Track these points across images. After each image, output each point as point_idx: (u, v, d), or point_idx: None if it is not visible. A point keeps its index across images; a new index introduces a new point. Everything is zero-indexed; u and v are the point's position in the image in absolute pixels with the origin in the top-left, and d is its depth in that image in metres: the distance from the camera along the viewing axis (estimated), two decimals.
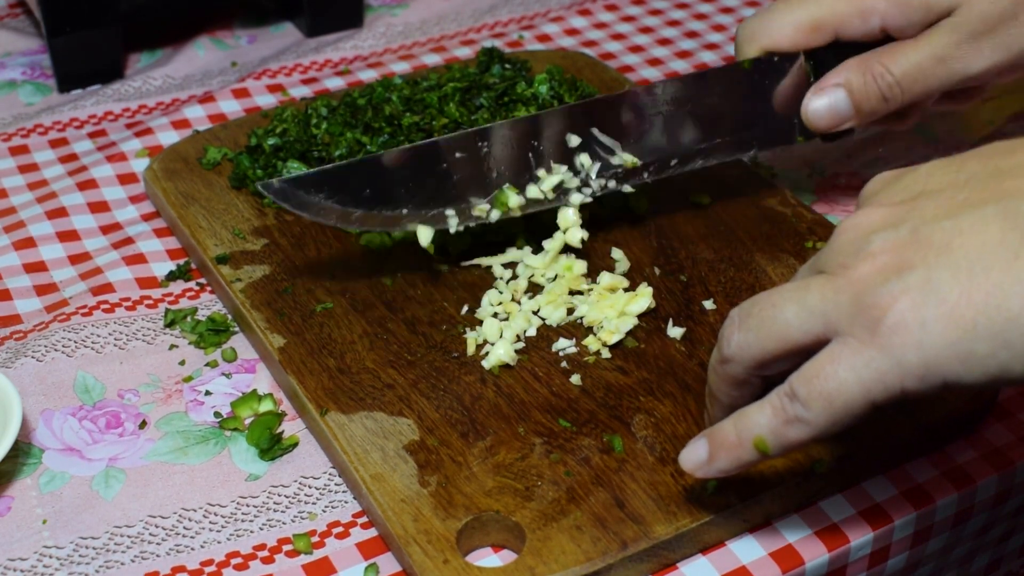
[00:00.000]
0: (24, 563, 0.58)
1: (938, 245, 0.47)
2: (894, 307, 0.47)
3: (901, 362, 0.47)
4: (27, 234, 0.78)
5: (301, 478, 0.63)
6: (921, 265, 0.47)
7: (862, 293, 0.48)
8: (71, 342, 0.70)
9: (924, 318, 0.46)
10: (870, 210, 0.51)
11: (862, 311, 0.48)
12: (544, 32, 1.03)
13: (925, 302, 0.46)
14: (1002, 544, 0.68)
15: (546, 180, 0.70)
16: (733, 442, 0.53)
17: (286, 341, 0.68)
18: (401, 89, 0.84)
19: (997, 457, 0.64)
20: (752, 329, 0.52)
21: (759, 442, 0.52)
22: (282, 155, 0.79)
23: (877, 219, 0.50)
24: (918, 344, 0.47)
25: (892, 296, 0.47)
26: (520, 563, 0.56)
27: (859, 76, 0.70)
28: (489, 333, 0.67)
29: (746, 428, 0.52)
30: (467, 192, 0.70)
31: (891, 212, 0.50)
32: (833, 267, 0.50)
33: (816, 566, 0.59)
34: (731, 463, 0.53)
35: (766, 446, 0.52)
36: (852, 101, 0.71)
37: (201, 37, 1.01)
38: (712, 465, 0.54)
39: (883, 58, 0.70)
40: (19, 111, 0.92)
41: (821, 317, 0.49)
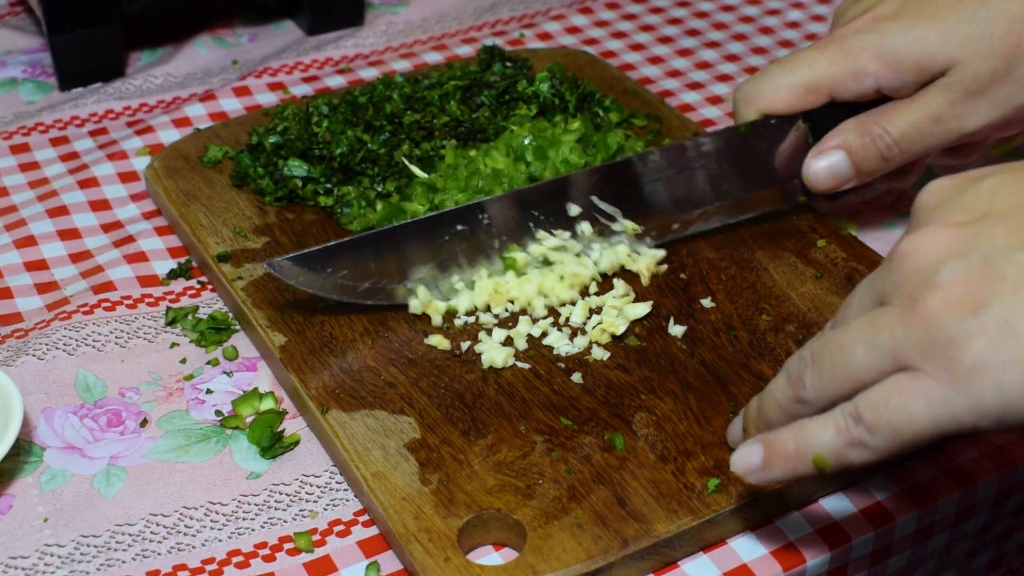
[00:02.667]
0: (25, 561, 0.58)
1: (1012, 280, 0.46)
2: (971, 347, 0.46)
3: (978, 403, 0.46)
4: (28, 232, 0.78)
5: (302, 476, 0.63)
6: (996, 302, 0.46)
7: (935, 329, 0.47)
8: (72, 340, 0.70)
9: (1003, 360, 0.46)
10: (932, 231, 0.48)
11: (936, 348, 0.47)
12: (545, 30, 1.03)
13: (1003, 344, 0.45)
14: (1003, 542, 0.68)
15: (547, 241, 0.71)
16: (791, 454, 0.52)
17: (287, 339, 0.68)
18: (402, 87, 0.84)
19: (998, 456, 0.64)
20: (825, 373, 0.51)
21: (819, 459, 0.51)
22: (283, 153, 0.79)
23: (943, 243, 0.48)
24: (997, 386, 0.46)
25: (968, 336, 0.46)
26: (521, 561, 0.56)
27: (858, 138, 0.71)
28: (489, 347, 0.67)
29: (806, 443, 0.51)
30: (473, 262, 0.70)
31: (957, 236, 0.48)
32: (900, 299, 0.48)
33: (817, 564, 0.59)
34: (786, 473, 0.52)
35: (826, 464, 0.51)
36: (852, 162, 0.71)
37: (202, 35, 1.01)
38: (765, 472, 0.53)
39: (880, 119, 0.71)
40: (20, 109, 0.92)
41: (891, 354, 0.48)
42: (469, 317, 0.69)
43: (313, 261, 0.67)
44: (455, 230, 0.69)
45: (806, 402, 0.52)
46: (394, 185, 0.76)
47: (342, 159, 0.77)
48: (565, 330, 0.68)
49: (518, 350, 0.67)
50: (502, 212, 0.70)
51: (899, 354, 0.48)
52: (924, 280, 0.47)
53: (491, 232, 0.70)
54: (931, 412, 0.47)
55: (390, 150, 0.78)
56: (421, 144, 0.79)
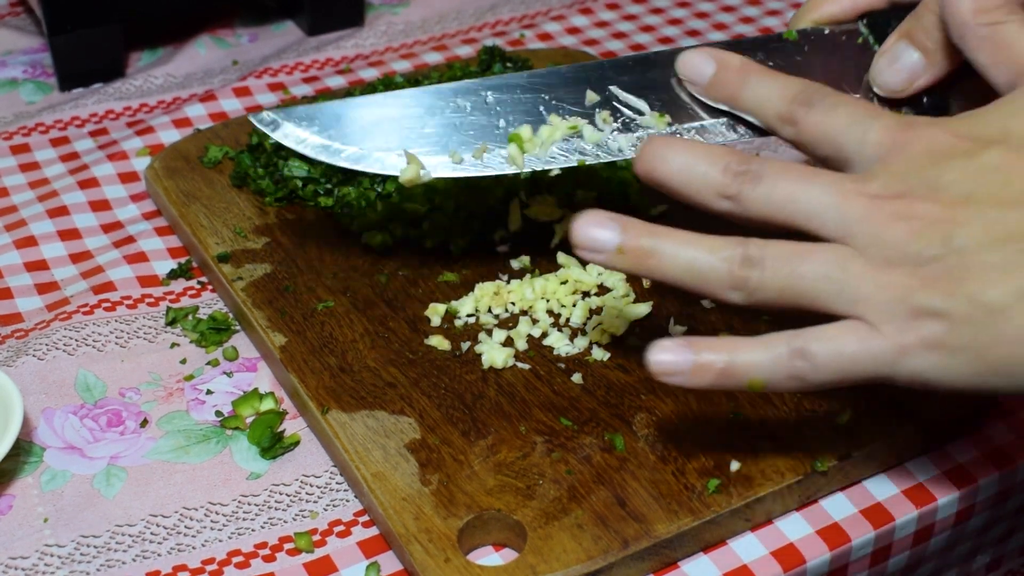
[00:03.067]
0: (25, 562, 0.58)
1: (982, 277, 0.49)
2: (932, 327, 0.49)
3: (922, 374, 0.51)
4: (28, 233, 0.78)
5: (302, 477, 0.63)
6: (963, 294, 0.49)
7: (903, 299, 0.50)
8: (72, 340, 0.70)
9: (957, 346, 0.49)
10: (918, 206, 0.51)
11: (899, 316, 0.50)
12: (545, 31, 1.03)
13: (961, 333, 0.49)
14: (1003, 543, 0.68)
15: (559, 127, 0.64)
16: (722, 369, 0.52)
17: (287, 339, 0.68)
18: (402, 88, 0.84)
19: (998, 456, 0.64)
20: (775, 288, 0.52)
21: (755, 383, 0.52)
22: (283, 154, 0.79)
23: (929, 218, 0.50)
24: (944, 366, 0.50)
25: (932, 316, 0.49)
26: (521, 561, 0.56)
27: None
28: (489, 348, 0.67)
29: (743, 365, 0.52)
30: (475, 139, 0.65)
31: (941, 217, 0.50)
32: (876, 257, 0.51)
33: (817, 565, 0.59)
34: (711, 385, 0.53)
35: (761, 387, 0.53)
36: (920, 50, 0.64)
37: (202, 36, 1.01)
38: (690, 379, 0.53)
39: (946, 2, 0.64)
40: (20, 110, 0.92)
41: (853, 303, 0.51)
42: (469, 318, 0.69)
43: (301, 117, 0.65)
44: (456, 104, 0.65)
45: (738, 290, 0.53)
46: (394, 185, 0.76)
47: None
48: (565, 331, 0.68)
49: (518, 350, 0.67)
50: (510, 93, 0.66)
51: (860, 304, 0.51)
52: (905, 254, 0.50)
53: (496, 111, 0.65)
54: (876, 366, 0.51)
55: None
56: None
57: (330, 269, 0.72)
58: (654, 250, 0.53)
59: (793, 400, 0.64)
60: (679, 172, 0.54)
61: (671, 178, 0.55)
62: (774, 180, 0.53)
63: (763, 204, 0.53)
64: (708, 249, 0.53)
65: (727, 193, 0.54)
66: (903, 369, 0.51)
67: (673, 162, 0.54)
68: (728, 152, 0.54)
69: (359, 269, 0.72)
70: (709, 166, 0.54)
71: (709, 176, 0.54)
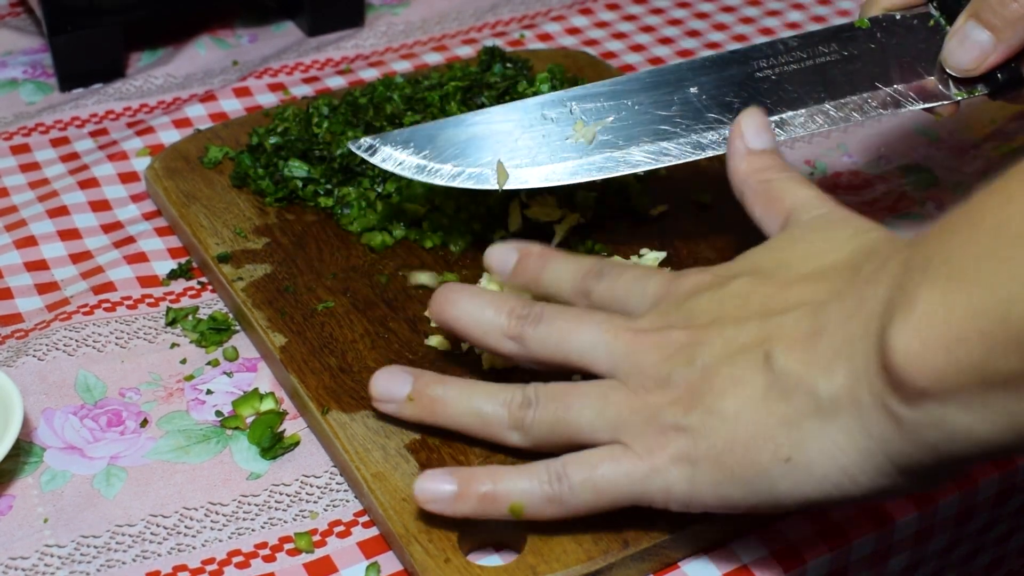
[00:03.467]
0: (25, 562, 0.58)
1: (716, 388, 0.52)
2: (676, 440, 0.52)
3: (671, 488, 0.53)
4: (28, 233, 0.78)
5: (302, 477, 0.63)
6: (701, 406, 0.52)
7: (653, 418, 0.53)
8: (72, 341, 0.70)
9: (696, 456, 0.52)
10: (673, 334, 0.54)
11: (650, 435, 0.53)
12: (545, 31, 1.03)
13: (699, 444, 0.52)
14: (1003, 543, 0.68)
15: None
16: (486, 495, 0.55)
17: (287, 340, 0.68)
18: (402, 88, 0.84)
19: None
20: (547, 423, 0.56)
21: (515, 508, 0.55)
22: (283, 154, 0.79)
23: (680, 343, 0.54)
24: (689, 479, 0.52)
25: (677, 431, 0.52)
26: (521, 562, 0.56)
27: None
28: None
29: (504, 489, 0.55)
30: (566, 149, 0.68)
31: (690, 340, 0.53)
32: (635, 385, 0.54)
33: (817, 565, 0.59)
34: (476, 512, 0.55)
35: (521, 513, 0.55)
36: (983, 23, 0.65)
37: (202, 36, 1.01)
38: (456, 505, 0.55)
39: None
40: (20, 110, 0.92)
41: (613, 428, 0.54)
42: None
43: (398, 141, 0.68)
44: (543, 115, 0.68)
45: (517, 430, 0.57)
46: (394, 186, 0.76)
47: (342, 160, 0.77)
48: None
49: None
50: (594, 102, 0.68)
51: (619, 430, 0.54)
52: (659, 379, 0.53)
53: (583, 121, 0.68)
54: (631, 485, 0.53)
55: None
56: None
57: (330, 269, 0.72)
58: (441, 398, 0.58)
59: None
60: (467, 316, 0.59)
61: (458, 321, 0.59)
62: (551, 320, 0.57)
63: (542, 344, 0.57)
64: (490, 394, 0.58)
65: (511, 334, 0.58)
66: (654, 486, 0.53)
67: (462, 307, 0.59)
68: (512, 299, 0.59)
69: (359, 269, 0.72)
70: (495, 311, 0.58)
71: (496, 320, 0.58)
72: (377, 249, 0.74)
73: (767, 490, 0.51)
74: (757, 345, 0.52)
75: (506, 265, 0.62)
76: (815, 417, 0.49)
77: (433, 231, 0.74)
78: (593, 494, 0.54)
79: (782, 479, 0.50)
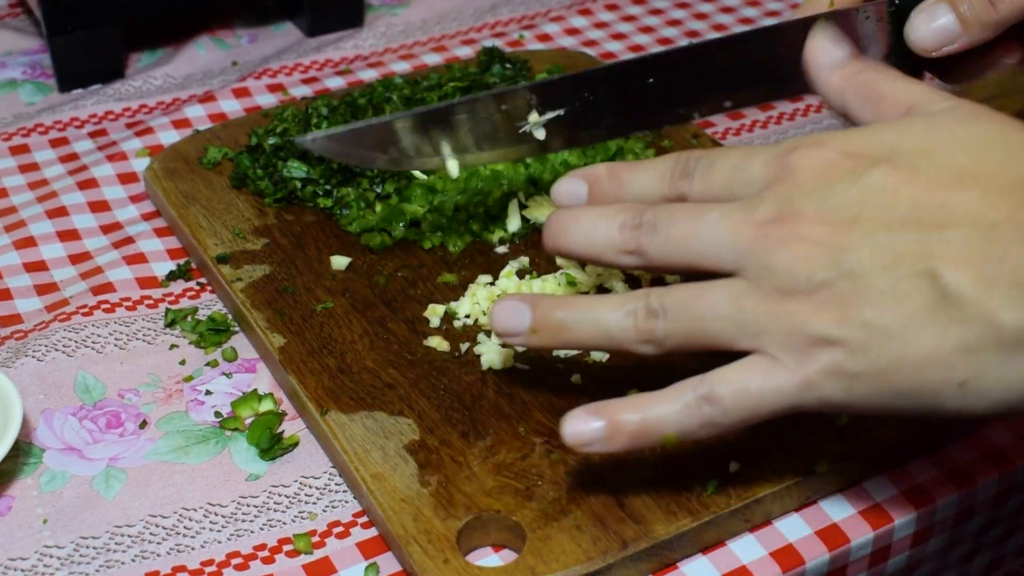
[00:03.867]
0: (25, 563, 0.58)
1: (874, 302, 0.49)
2: (831, 354, 0.50)
3: (827, 399, 0.51)
4: (28, 233, 0.78)
5: (301, 478, 0.63)
6: (857, 320, 0.49)
7: (799, 328, 0.50)
8: (71, 342, 0.70)
9: (857, 372, 0.49)
10: (806, 229, 0.50)
11: (797, 347, 0.50)
12: (544, 32, 1.03)
13: (858, 359, 0.49)
14: (1002, 544, 0.68)
15: None
16: (635, 430, 0.53)
17: (286, 341, 0.68)
18: (401, 89, 0.84)
19: (998, 457, 0.64)
20: (680, 334, 0.53)
21: (669, 438, 0.53)
22: (282, 154, 0.79)
23: (817, 241, 0.50)
24: (847, 391, 0.50)
25: (829, 344, 0.50)
26: (520, 563, 0.56)
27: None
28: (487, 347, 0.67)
29: (654, 421, 0.53)
30: None
31: (828, 240, 0.50)
32: (768, 288, 0.51)
33: (816, 566, 0.59)
34: (630, 446, 0.54)
35: (675, 441, 0.53)
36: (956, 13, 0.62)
37: (202, 36, 1.01)
38: (607, 445, 0.54)
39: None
40: (20, 110, 0.92)
41: (752, 337, 0.51)
42: (468, 319, 0.69)
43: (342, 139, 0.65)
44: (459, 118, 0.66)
45: (648, 343, 0.54)
46: (393, 186, 0.76)
47: None
48: None
49: (517, 351, 0.67)
50: None
51: (759, 337, 0.51)
52: (795, 282, 0.50)
53: None
54: (784, 400, 0.51)
55: None
56: None
57: (329, 270, 0.72)
58: (563, 323, 0.55)
59: None
60: (581, 239, 0.56)
61: (574, 247, 0.56)
62: (666, 227, 0.54)
63: (661, 252, 0.54)
64: (612, 308, 0.54)
65: (628, 249, 0.55)
66: (810, 398, 0.51)
67: (573, 233, 0.56)
68: (622, 209, 0.55)
69: (358, 270, 0.72)
70: (607, 228, 0.55)
71: (609, 237, 0.55)
72: (376, 249, 0.74)
73: (933, 406, 0.49)
74: (919, 259, 0.48)
75: (579, 196, 0.58)
76: (997, 348, 0.47)
77: (432, 231, 0.74)
78: (747, 412, 0.52)
79: (953, 399, 0.49)
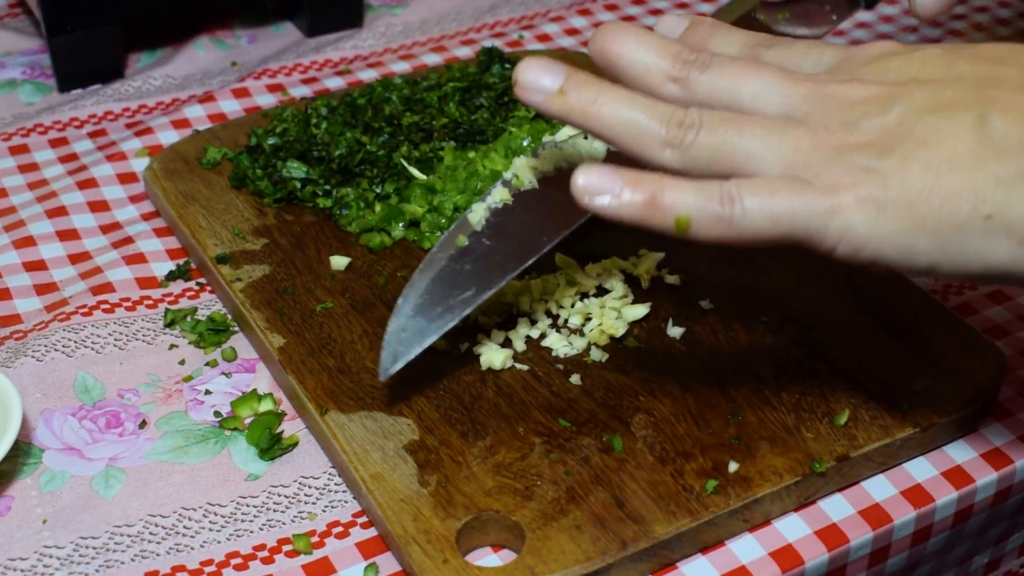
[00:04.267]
0: (24, 563, 0.58)
1: (918, 137, 0.49)
2: (866, 181, 0.49)
3: (851, 229, 0.50)
4: (27, 233, 0.78)
5: (301, 478, 0.63)
6: (899, 151, 0.49)
7: (839, 156, 0.50)
8: (71, 342, 0.70)
9: (886, 200, 0.49)
10: (865, 85, 0.52)
11: (835, 173, 0.50)
12: (544, 32, 1.03)
13: (890, 187, 0.49)
14: (1001, 543, 0.68)
15: None
16: (649, 199, 0.51)
17: (286, 341, 0.68)
18: (401, 89, 0.84)
19: (996, 456, 0.64)
20: (711, 146, 0.51)
21: (681, 221, 0.51)
22: (282, 155, 0.79)
23: (871, 96, 0.51)
24: (872, 222, 0.49)
25: (867, 172, 0.49)
26: (520, 563, 0.56)
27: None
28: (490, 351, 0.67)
29: (673, 199, 0.51)
30: None
31: (882, 92, 0.51)
32: (816, 126, 0.51)
33: (816, 565, 0.59)
34: (637, 216, 0.51)
35: (686, 227, 0.51)
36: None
37: (201, 37, 1.01)
38: (616, 202, 0.51)
39: None
40: (19, 111, 0.92)
41: (788, 163, 0.51)
42: (467, 319, 0.69)
43: None
44: None
45: (674, 147, 0.52)
46: (393, 187, 0.76)
47: (341, 161, 0.77)
48: (564, 331, 0.68)
49: (517, 351, 0.67)
50: None
51: (796, 167, 0.50)
52: (845, 122, 0.51)
53: None
54: (808, 219, 0.50)
55: (389, 152, 0.78)
56: (420, 146, 0.79)
57: (328, 270, 0.72)
58: (596, 97, 0.53)
59: (791, 401, 0.64)
60: (630, 53, 0.54)
61: (621, 58, 0.54)
62: (720, 67, 0.53)
63: (711, 87, 0.53)
64: (648, 105, 0.53)
65: (675, 76, 0.54)
66: (833, 224, 0.50)
67: (626, 44, 0.54)
68: (683, 45, 0.55)
69: (357, 270, 0.72)
70: (660, 52, 0.54)
71: (659, 62, 0.54)
72: (376, 250, 0.74)
73: (957, 245, 0.49)
74: (970, 104, 0.49)
75: (676, 30, 0.58)
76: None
77: (432, 232, 0.74)
78: (767, 221, 0.50)
79: (977, 236, 0.49)
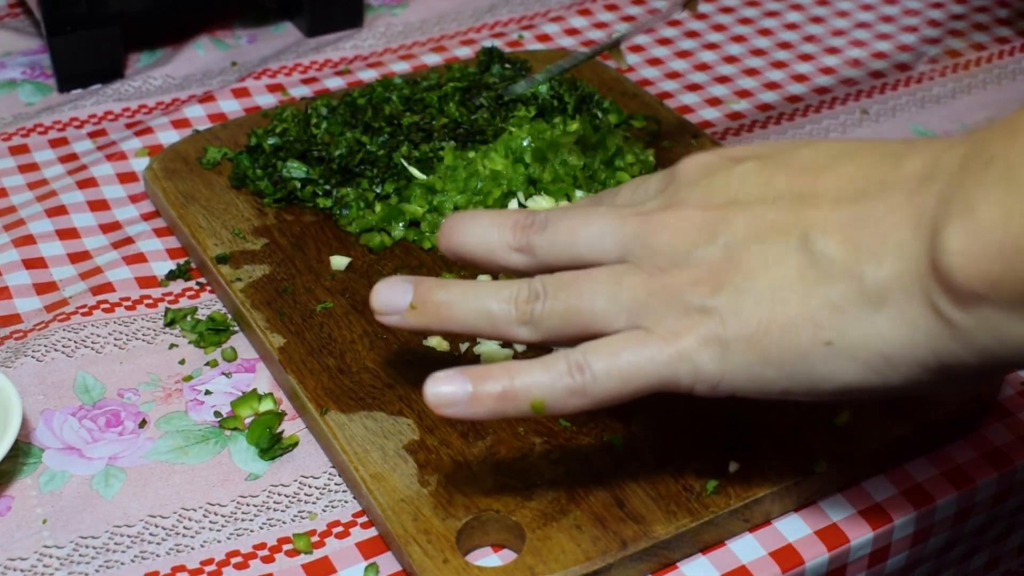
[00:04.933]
0: (24, 563, 0.58)
1: (746, 269, 0.50)
2: (704, 321, 0.50)
3: (700, 370, 0.50)
4: (27, 233, 0.78)
5: (301, 478, 0.63)
6: (730, 286, 0.50)
7: (675, 300, 0.51)
8: (71, 342, 0.70)
9: (727, 337, 0.50)
10: (689, 213, 0.52)
11: (672, 317, 0.51)
12: (544, 32, 1.03)
13: (728, 324, 0.50)
14: (1001, 543, 0.68)
15: None
16: (502, 394, 0.52)
17: (286, 341, 0.68)
18: (401, 89, 0.84)
19: (996, 456, 0.64)
20: (557, 311, 0.53)
21: (536, 405, 0.52)
22: (282, 155, 0.79)
23: (696, 226, 0.51)
24: (719, 359, 0.50)
25: (703, 312, 0.50)
26: (520, 562, 0.56)
27: None
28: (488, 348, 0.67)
29: (524, 386, 0.52)
30: None
31: (707, 219, 0.51)
32: (649, 267, 0.52)
33: (816, 565, 0.59)
34: (494, 413, 0.52)
35: (542, 410, 0.52)
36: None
37: (201, 37, 1.01)
38: (472, 408, 0.52)
39: None
40: (19, 111, 0.92)
41: (629, 313, 0.52)
42: None
43: None
44: None
45: (526, 324, 0.54)
46: (393, 187, 0.76)
47: (341, 161, 0.77)
48: None
49: (517, 351, 0.67)
50: None
51: (637, 314, 0.51)
52: (674, 258, 0.51)
53: None
54: (658, 370, 0.51)
55: (389, 152, 0.78)
56: (420, 146, 0.79)
57: (328, 270, 0.72)
58: (445, 302, 0.55)
59: (792, 400, 0.64)
60: (473, 239, 0.57)
61: (465, 246, 0.57)
62: (556, 223, 0.55)
63: (550, 248, 0.55)
64: (496, 291, 0.55)
65: (518, 246, 0.56)
66: (681, 369, 0.51)
67: (466, 232, 0.57)
68: (516, 212, 0.57)
69: (358, 270, 0.73)
70: (499, 228, 0.56)
71: (501, 236, 0.56)
72: (376, 250, 0.74)
73: (805, 373, 0.49)
74: (791, 227, 0.49)
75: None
76: (860, 303, 0.47)
77: (432, 232, 0.74)
78: (618, 382, 0.51)
79: (822, 363, 0.49)
